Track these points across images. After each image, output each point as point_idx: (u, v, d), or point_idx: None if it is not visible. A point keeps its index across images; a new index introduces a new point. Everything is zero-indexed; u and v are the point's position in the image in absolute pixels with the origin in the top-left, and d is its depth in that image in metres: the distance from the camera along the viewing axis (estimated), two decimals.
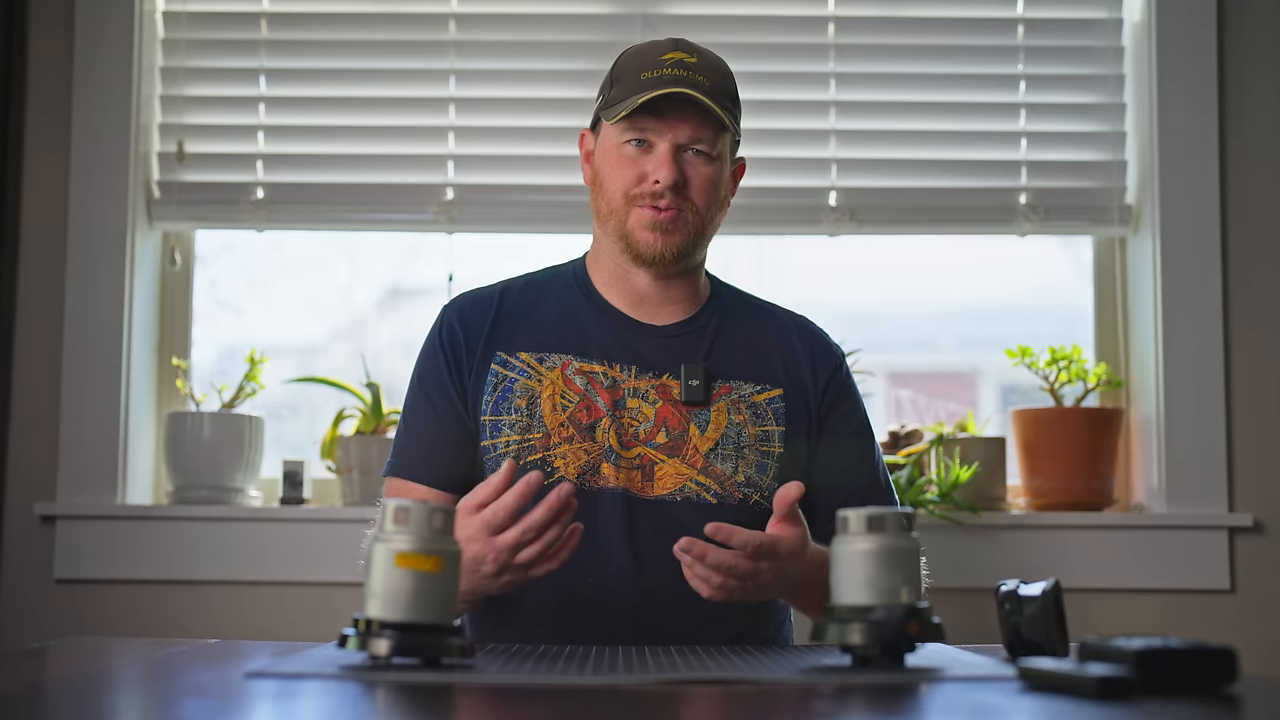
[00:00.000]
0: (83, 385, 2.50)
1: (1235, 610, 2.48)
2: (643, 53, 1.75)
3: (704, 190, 1.72)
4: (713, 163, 1.73)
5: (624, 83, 1.72)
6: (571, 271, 1.85)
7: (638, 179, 1.71)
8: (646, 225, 1.71)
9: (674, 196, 1.70)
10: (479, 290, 1.85)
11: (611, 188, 1.73)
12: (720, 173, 1.74)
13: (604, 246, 1.79)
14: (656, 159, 1.70)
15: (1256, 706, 1.03)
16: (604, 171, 1.75)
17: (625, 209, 1.72)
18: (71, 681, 1.18)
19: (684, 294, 1.80)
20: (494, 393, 1.74)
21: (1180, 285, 2.54)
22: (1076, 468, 2.51)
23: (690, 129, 1.70)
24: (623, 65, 1.75)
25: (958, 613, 2.32)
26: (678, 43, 1.75)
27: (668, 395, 1.73)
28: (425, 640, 1.17)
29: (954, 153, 2.64)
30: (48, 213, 2.55)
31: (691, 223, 1.72)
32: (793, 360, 1.81)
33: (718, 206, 1.76)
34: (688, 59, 1.72)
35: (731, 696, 1.10)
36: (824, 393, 1.81)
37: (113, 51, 2.56)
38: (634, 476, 1.70)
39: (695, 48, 1.75)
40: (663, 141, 1.70)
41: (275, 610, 2.47)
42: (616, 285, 1.80)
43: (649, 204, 1.71)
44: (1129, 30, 2.65)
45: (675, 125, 1.70)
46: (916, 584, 1.21)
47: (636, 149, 1.71)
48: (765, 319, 1.86)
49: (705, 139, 1.71)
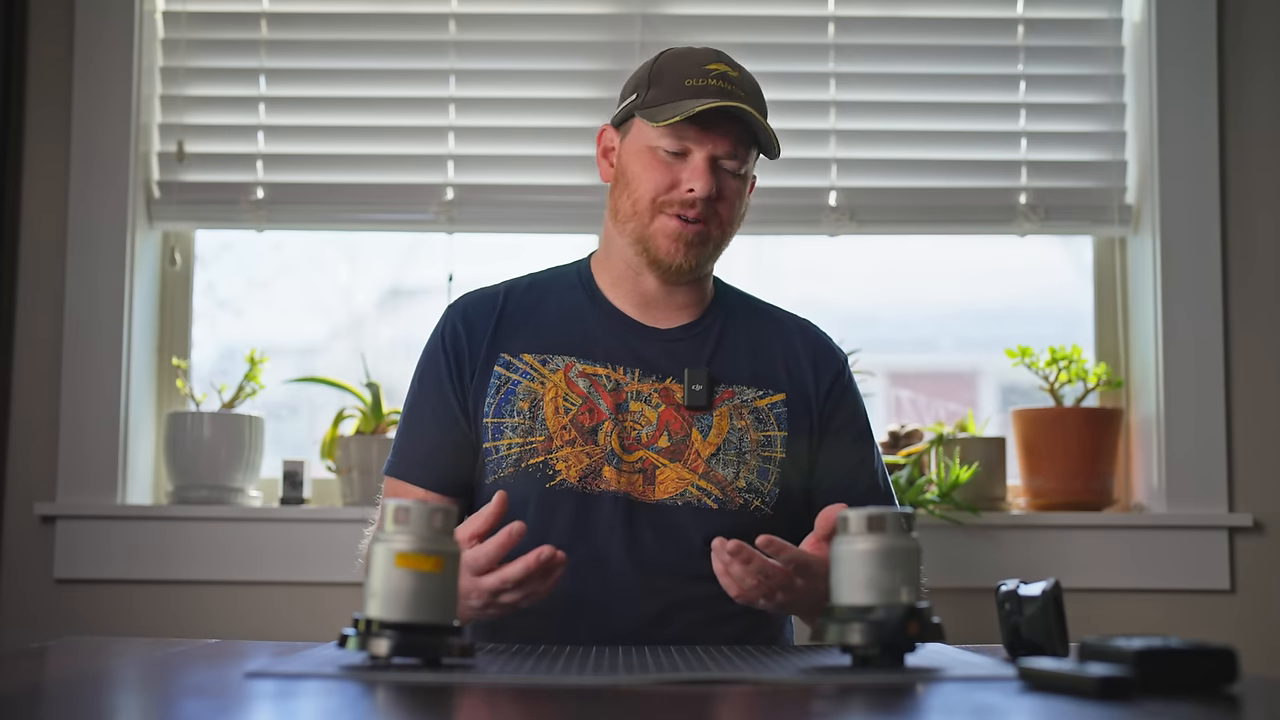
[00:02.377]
0: (83, 385, 2.50)
1: (1235, 610, 2.48)
2: (684, 57, 1.74)
3: (732, 205, 1.73)
4: (742, 179, 1.74)
5: (666, 86, 1.71)
6: (576, 272, 1.84)
7: (670, 185, 1.70)
8: (671, 235, 1.71)
9: (704, 208, 1.70)
10: (483, 290, 1.84)
11: (640, 189, 1.72)
12: (745, 189, 1.76)
13: (616, 246, 1.78)
14: (693, 168, 1.69)
15: (1256, 706, 1.03)
16: (632, 171, 1.73)
17: (650, 213, 1.72)
18: (71, 681, 1.18)
19: (690, 299, 1.81)
20: (497, 395, 1.74)
21: (1180, 285, 2.54)
22: (1076, 468, 2.51)
23: (729, 143, 1.70)
24: (663, 67, 1.74)
25: (958, 613, 2.32)
26: (719, 54, 1.75)
27: (670, 399, 1.73)
28: (425, 640, 1.17)
29: (954, 153, 2.64)
30: (48, 213, 2.55)
31: (714, 238, 1.73)
32: (796, 365, 1.81)
33: (739, 222, 1.77)
34: (731, 72, 1.72)
35: (731, 696, 1.10)
36: (826, 397, 1.81)
37: (113, 51, 2.56)
38: (635, 480, 1.70)
39: (734, 62, 1.75)
40: (701, 151, 1.69)
41: (275, 610, 2.47)
42: (623, 287, 1.79)
43: (676, 212, 1.70)
44: (1129, 30, 2.65)
45: (716, 138, 1.69)
46: (916, 584, 1.21)
47: (672, 156, 1.71)
48: (769, 323, 1.85)
49: (740, 155, 1.71)
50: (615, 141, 1.79)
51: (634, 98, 1.75)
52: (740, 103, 1.68)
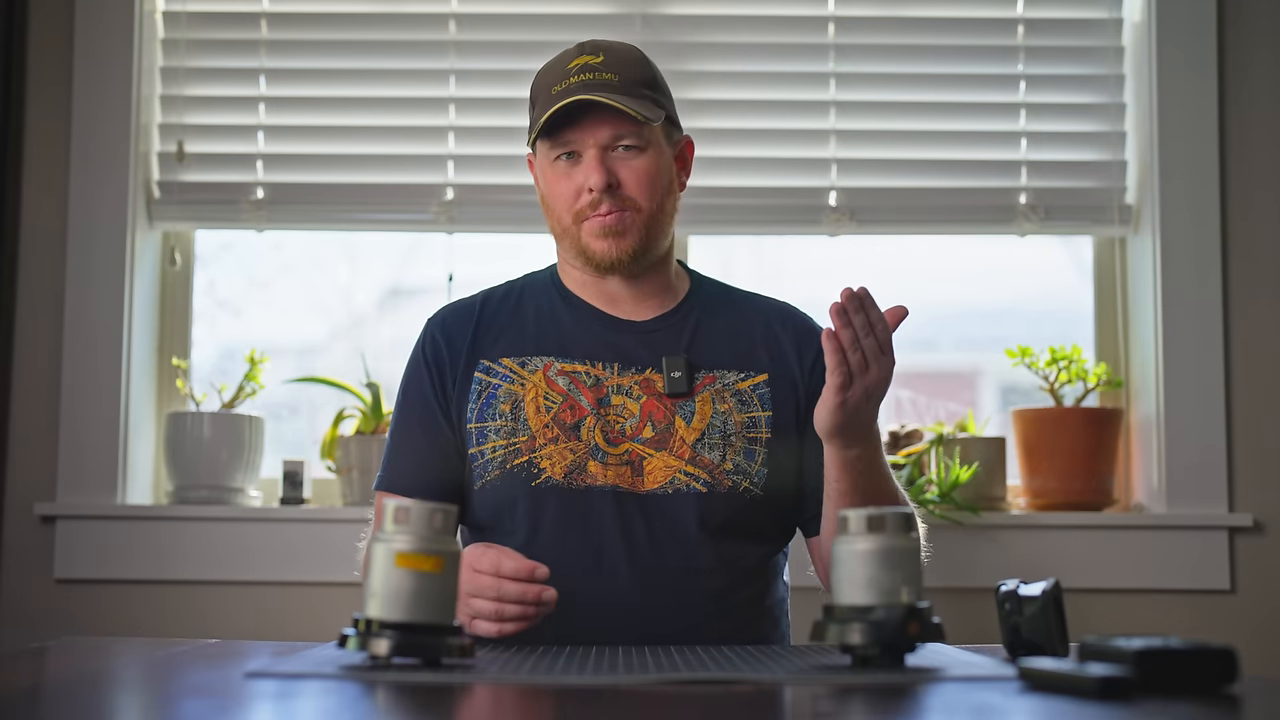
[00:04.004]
0: (83, 385, 2.50)
1: (1235, 610, 2.48)
2: (552, 67, 1.76)
3: (641, 183, 1.73)
4: (643, 154, 1.73)
5: (540, 101, 1.74)
6: (548, 276, 1.87)
7: (576, 193, 1.73)
8: (596, 234, 1.73)
9: (611, 199, 1.71)
10: (461, 301, 1.87)
11: (557, 207, 1.76)
12: (656, 161, 1.74)
13: (566, 259, 1.82)
14: (585, 167, 1.72)
15: (1256, 706, 1.03)
16: (550, 192, 1.77)
17: (575, 225, 1.74)
18: (71, 682, 1.18)
19: (657, 287, 1.82)
20: (479, 400, 1.76)
21: (1180, 285, 2.54)
22: (1076, 468, 2.51)
23: (609, 129, 1.71)
24: (535, 85, 1.78)
25: (958, 613, 2.32)
26: (583, 46, 1.76)
27: (651, 389, 1.75)
28: (425, 640, 1.17)
29: (954, 153, 2.64)
30: (48, 212, 2.55)
31: (637, 220, 1.73)
32: (776, 345, 1.82)
33: (664, 194, 1.76)
34: (593, 60, 1.73)
35: (731, 696, 1.10)
36: (811, 372, 1.81)
37: (113, 51, 2.56)
38: (623, 473, 1.71)
39: (602, 45, 1.76)
40: (587, 149, 1.72)
41: (275, 610, 2.47)
42: (590, 290, 1.82)
43: (589, 215, 1.72)
44: (1129, 30, 2.65)
45: (594, 129, 1.71)
46: (917, 584, 1.21)
47: (568, 163, 1.73)
48: (745, 307, 1.87)
49: (628, 133, 1.72)
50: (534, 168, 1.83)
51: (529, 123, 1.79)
52: (598, 89, 1.69)
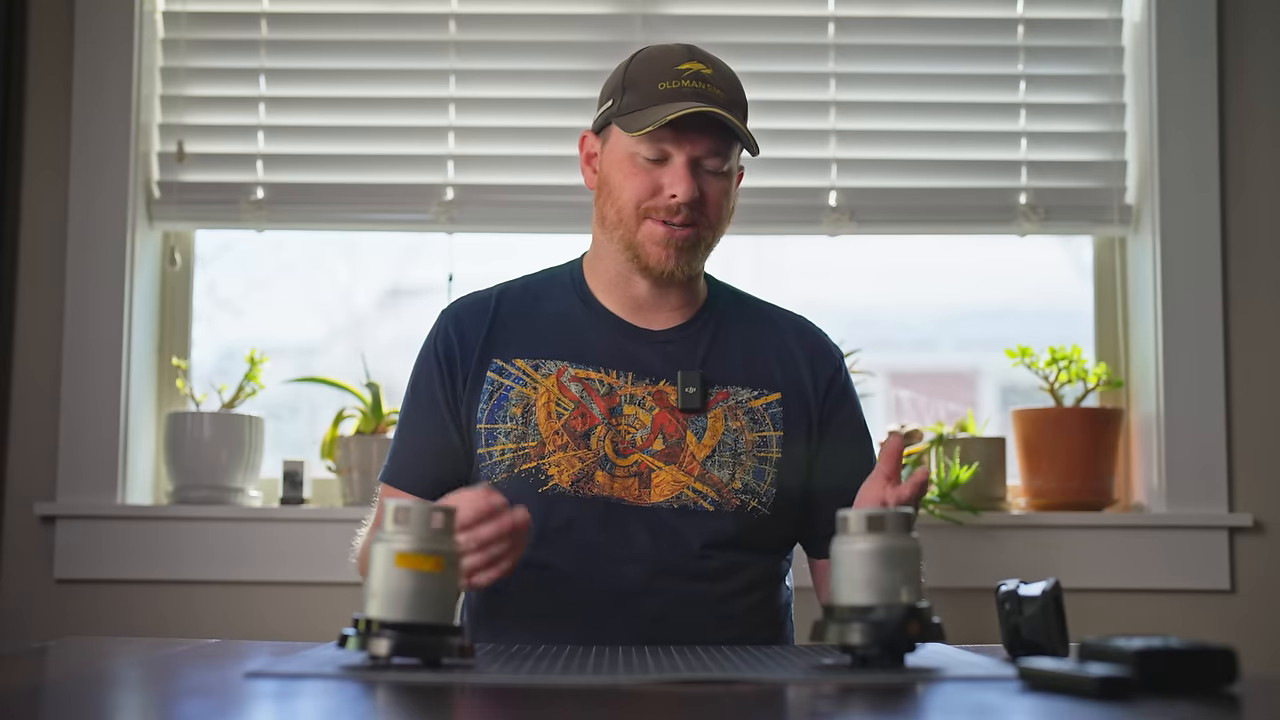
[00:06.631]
0: (83, 385, 2.50)
1: (1235, 610, 2.48)
2: (657, 58, 1.71)
3: (718, 205, 1.71)
4: (726, 177, 1.71)
5: (640, 91, 1.69)
6: (569, 274, 1.83)
7: (652, 190, 1.68)
8: (659, 241, 1.69)
9: (690, 212, 1.68)
10: (476, 294, 1.84)
11: (623, 197, 1.70)
12: (731, 186, 1.73)
13: (605, 251, 1.77)
14: (674, 173, 1.67)
15: (1256, 706, 1.03)
16: (614, 179, 1.71)
17: (636, 220, 1.70)
18: (71, 681, 1.18)
19: (683, 300, 1.79)
20: (490, 401, 1.74)
21: (1180, 285, 2.54)
22: (1076, 468, 2.51)
23: (708, 144, 1.68)
24: (636, 71, 1.71)
25: (958, 613, 2.32)
26: (692, 51, 1.72)
27: (665, 402, 1.73)
28: (425, 640, 1.17)
29: (954, 153, 2.64)
30: (48, 213, 2.55)
31: (704, 240, 1.72)
32: (791, 364, 1.80)
33: (728, 219, 1.75)
34: (704, 70, 1.69)
35: (731, 696, 1.10)
36: (824, 397, 1.80)
37: (113, 51, 2.56)
38: (630, 484, 1.69)
39: (709, 57, 1.72)
40: (680, 155, 1.67)
41: (275, 610, 2.47)
42: (615, 291, 1.78)
43: (662, 218, 1.68)
44: (1129, 30, 2.65)
45: (694, 140, 1.67)
46: (916, 584, 1.21)
47: (650, 160, 1.69)
48: (762, 322, 1.84)
49: (721, 154, 1.69)
50: (596, 148, 1.77)
51: (610, 104, 1.73)
52: (715, 104, 1.66)
